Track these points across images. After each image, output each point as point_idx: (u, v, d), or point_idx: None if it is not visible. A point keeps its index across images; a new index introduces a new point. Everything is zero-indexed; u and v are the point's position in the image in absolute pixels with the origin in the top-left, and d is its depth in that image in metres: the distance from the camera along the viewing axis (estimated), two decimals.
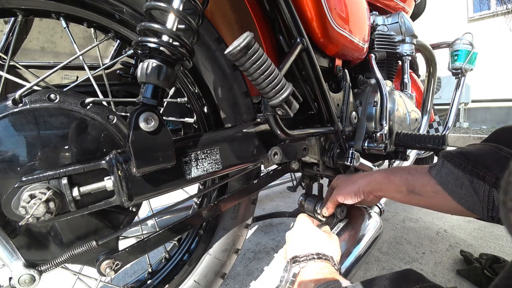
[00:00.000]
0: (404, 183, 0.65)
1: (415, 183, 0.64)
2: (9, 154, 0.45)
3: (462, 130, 4.47)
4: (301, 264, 0.55)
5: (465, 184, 0.53)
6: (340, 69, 0.89)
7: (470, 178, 0.52)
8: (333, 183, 0.81)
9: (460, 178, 0.54)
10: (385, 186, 0.69)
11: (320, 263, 0.55)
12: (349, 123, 0.91)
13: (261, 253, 1.32)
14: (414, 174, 0.65)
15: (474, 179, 0.52)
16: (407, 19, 1.13)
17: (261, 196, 2.11)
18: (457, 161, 0.55)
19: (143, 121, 0.45)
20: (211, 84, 0.65)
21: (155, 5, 0.45)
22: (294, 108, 0.57)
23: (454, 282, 1.06)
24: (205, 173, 0.57)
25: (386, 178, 0.69)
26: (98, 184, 0.47)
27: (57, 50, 1.01)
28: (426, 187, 0.62)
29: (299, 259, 0.57)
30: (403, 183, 0.66)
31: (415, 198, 0.64)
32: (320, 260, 0.56)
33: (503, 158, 0.50)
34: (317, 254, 0.57)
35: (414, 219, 1.62)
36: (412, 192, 0.64)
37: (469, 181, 0.52)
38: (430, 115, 1.35)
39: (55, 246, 0.52)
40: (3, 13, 0.52)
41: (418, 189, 0.63)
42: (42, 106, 0.47)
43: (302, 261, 0.56)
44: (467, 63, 1.32)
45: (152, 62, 0.44)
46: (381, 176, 0.71)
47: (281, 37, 0.69)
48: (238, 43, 0.45)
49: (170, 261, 0.76)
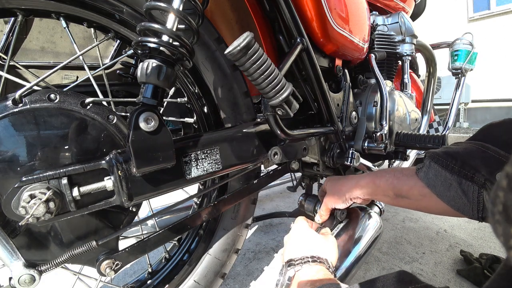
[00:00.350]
0: (391, 187, 0.65)
1: (401, 187, 0.63)
2: (9, 154, 0.45)
3: (462, 130, 4.47)
4: (296, 268, 0.55)
5: (454, 186, 0.52)
6: (340, 69, 0.89)
7: (458, 180, 0.51)
8: (323, 186, 0.81)
9: (448, 180, 0.53)
10: (372, 191, 0.68)
11: (315, 266, 0.55)
12: (349, 123, 0.91)
13: (261, 253, 1.32)
14: (400, 177, 0.64)
15: (462, 180, 0.51)
16: (407, 19, 1.13)
17: (261, 196, 2.11)
18: (444, 162, 0.54)
19: (143, 121, 0.45)
20: (211, 84, 0.65)
21: (155, 5, 0.45)
22: (294, 108, 0.57)
23: (454, 282, 1.06)
24: (205, 173, 0.57)
25: (372, 182, 0.69)
26: (98, 184, 0.47)
27: (57, 50, 1.00)
28: (413, 190, 0.61)
29: (294, 262, 0.57)
30: (389, 187, 0.65)
31: (403, 201, 0.64)
32: (315, 263, 0.55)
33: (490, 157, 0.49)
34: (312, 257, 0.57)
35: (414, 219, 1.62)
36: (399, 196, 0.64)
37: (458, 182, 0.51)
38: (430, 115, 1.34)
39: (55, 246, 0.52)
40: (3, 13, 0.52)
41: (405, 192, 0.62)
42: (42, 106, 0.47)
43: (297, 264, 0.56)
44: (467, 63, 1.32)
45: (152, 62, 0.44)
46: (366, 181, 0.70)
47: (281, 37, 0.68)
48: (238, 43, 0.45)
49: (170, 261, 0.76)
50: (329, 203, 0.75)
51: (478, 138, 0.55)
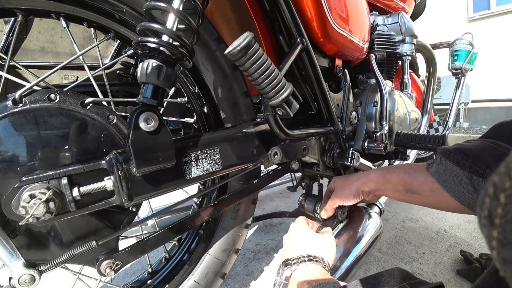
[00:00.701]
0: (401, 182, 0.65)
1: (412, 182, 0.63)
2: (9, 154, 0.45)
3: (462, 130, 4.47)
4: (293, 267, 0.55)
5: (464, 181, 0.52)
6: (340, 69, 0.89)
7: (469, 175, 0.52)
8: (330, 185, 0.81)
9: (459, 175, 0.54)
10: (382, 186, 0.69)
11: (311, 265, 0.55)
12: (349, 123, 0.91)
13: (261, 253, 1.32)
14: (411, 173, 0.64)
15: (473, 176, 0.51)
16: (407, 19, 1.13)
17: (261, 196, 2.11)
18: (455, 158, 0.55)
19: (143, 121, 0.45)
20: (211, 84, 0.65)
21: (155, 5, 0.45)
22: (294, 108, 0.57)
23: (454, 282, 1.06)
24: (205, 173, 0.57)
25: (382, 177, 0.69)
26: (98, 184, 0.47)
27: (57, 50, 1.00)
28: (423, 186, 0.61)
29: (290, 262, 0.57)
30: (400, 182, 0.65)
31: (412, 196, 0.64)
32: (311, 262, 0.55)
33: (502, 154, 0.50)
34: (308, 256, 0.57)
35: (414, 219, 1.62)
36: (409, 191, 0.64)
37: (468, 178, 0.52)
38: (430, 115, 1.35)
39: (55, 246, 0.52)
40: (3, 13, 0.52)
41: (415, 188, 0.63)
42: (42, 106, 0.47)
43: (294, 264, 0.56)
44: (467, 63, 1.32)
45: (152, 62, 0.44)
46: (377, 175, 0.70)
47: (281, 37, 0.69)
48: (238, 43, 0.45)
49: (170, 261, 0.76)
50: (338, 200, 0.75)
51: (490, 135, 0.56)
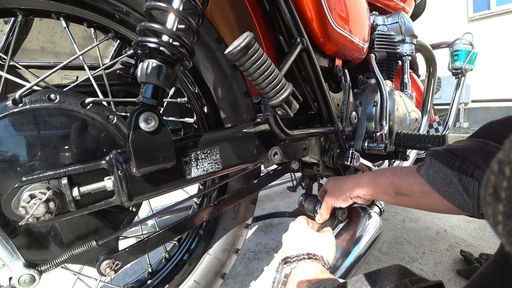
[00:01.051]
0: (391, 185, 0.65)
1: (401, 185, 0.63)
2: (9, 154, 0.45)
3: (462, 130, 4.47)
4: (292, 265, 0.55)
5: (454, 182, 0.52)
6: (340, 69, 0.89)
7: (459, 176, 0.51)
8: (324, 186, 0.82)
9: (448, 176, 0.53)
10: (372, 189, 0.69)
11: (311, 263, 0.55)
12: (349, 123, 0.91)
13: (261, 253, 1.32)
14: (400, 175, 0.64)
15: (462, 176, 0.51)
16: (407, 19, 1.13)
17: (261, 196, 2.11)
18: (444, 159, 0.54)
19: (143, 121, 0.45)
20: (211, 84, 0.65)
21: (155, 5, 0.45)
22: (294, 108, 0.57)
23: (454, 282, 1.06)
24: (205, 173, 0.57)
25: (372, 180, 0.69)
26: (98, 184, 0.47)
27: (57, 50, 1.00)
28: (413, 188, 0.61)
29: (290, 259, 0.57)
30: (390, 185, 0.65)
31: (403, 199, 0.64)
32: (310, 260, 0.55)
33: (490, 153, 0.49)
34: (308, 254, 0.57)
35: (414, 219, 1.62)
36: (399, 194, 0.64)
37: (458, 178, 0.51)
38: (430, 115, 1.34)
39: (55, 246, 0.52)
40: (3, 13, 0.52)
41: (405, 190, 0.63)
42: (42, 106, 0.47)
43: (293, 262, 0.56)
44: (467, 63, 1.32)
45: (152, 62, 0.44)
46: (367, 179, 0.70)
47: (281, 37, 0.69)
48: (238, 43, 0.45)
49: (170, 261, 0.76)
50: (330, 202, 0.75)
51: (478, 135, 0.56)
